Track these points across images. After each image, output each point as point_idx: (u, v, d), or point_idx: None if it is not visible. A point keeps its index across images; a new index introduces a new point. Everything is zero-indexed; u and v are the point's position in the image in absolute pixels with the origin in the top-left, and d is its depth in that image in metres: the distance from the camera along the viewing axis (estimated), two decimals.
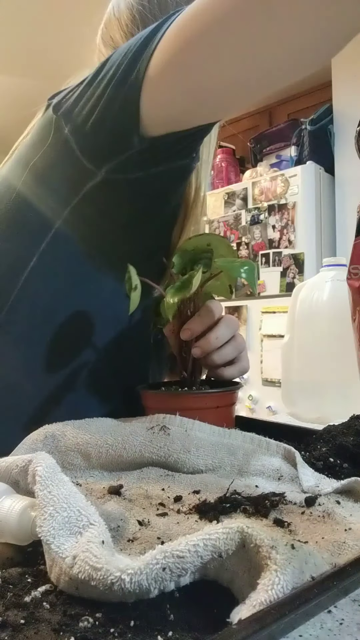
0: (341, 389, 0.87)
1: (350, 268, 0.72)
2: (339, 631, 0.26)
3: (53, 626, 0.26)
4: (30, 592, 0.29)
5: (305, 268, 2.27)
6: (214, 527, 0.29)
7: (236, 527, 0.29)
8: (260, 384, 2.34)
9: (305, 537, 0.34)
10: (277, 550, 0.27)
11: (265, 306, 2.37)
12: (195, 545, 0.28)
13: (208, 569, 0.29)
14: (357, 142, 0.78)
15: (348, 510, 0.40)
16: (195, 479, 0.47)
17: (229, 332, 0.58)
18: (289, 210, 2.33)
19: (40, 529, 0.31)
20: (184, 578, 0.28)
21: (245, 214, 2.51)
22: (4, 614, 0.27)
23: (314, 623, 0.26)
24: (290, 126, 2.66)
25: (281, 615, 0.24)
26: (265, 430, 0.55)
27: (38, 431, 0.52)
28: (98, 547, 0.28)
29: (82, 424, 0.53)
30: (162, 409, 0.54)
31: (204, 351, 0.57)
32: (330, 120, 2.48)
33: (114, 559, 0.28)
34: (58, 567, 0.29)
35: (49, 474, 0.35)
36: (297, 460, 0.48)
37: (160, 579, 0.26)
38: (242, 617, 0.24)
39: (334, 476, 0.47)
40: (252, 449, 0.51)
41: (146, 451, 0.49)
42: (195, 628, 0.26)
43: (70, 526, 0.31)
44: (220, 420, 0.54)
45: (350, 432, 0.53)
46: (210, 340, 0.56)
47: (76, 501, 0.33)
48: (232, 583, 0.29)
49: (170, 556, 0.27)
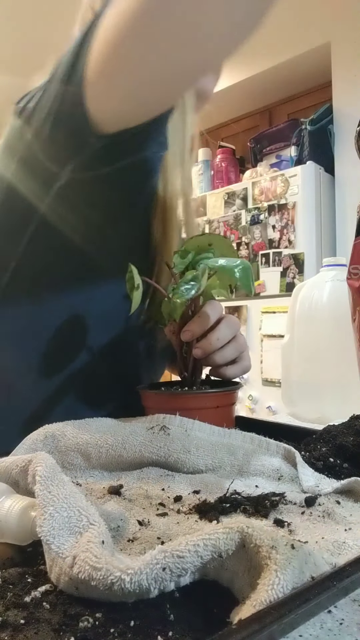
0: (341, 389, 0.87)
1: (350, 268, 0.72)
2: (339, 631, 0.26)
3: (53, 626, 0.26)
4: (30, 592, 0.29)
5: (305, 268, 2.26)
6: (214, 527, 0.29)
7: (236, 527, 0.29)
8: (260, 384, 2.34)
9: (305, 537, 0.34)
10: (277, 550, 0.27)
11: (265, 306, 2.37)
12: (195, 545, 0.28)
13: (208, 569, 0.29)
14: (357, 142, 0.78)
15: (348, 510, 0.40)
16: (195, 479, 0.47)
17: (230, 333, 0.59)
18: (289, 210, 2.33)
19: (40, 529, 0.31)
20: (184, 578, 0.28)
21: (245, 214, 2.51)
22: (4, 614, 0.27)
23: (314, 623, 0.26)
24: (290, 126, 2.66)
25: (281, 615, 0.24)
26: (265, 430, 0.55)
27: (38, 431, 0.52)
28: (98, 547, 0.28)
29: (82, 423, 0.53)
30: (162, 409, 0.54)
31: (205, 352, 0.57)
32: (330, 120, 2.48)
33: (114, 559, 0.28)
34: (58, 567, 0.29)
35: (49, 474, 0.35)
36: (297, 461, 0.48)
37: (160, 579, 0.26)
38: (242, 617, 0.24)
39: (334, 476, 0.47)
40: (252, 449, 0.51)
41: (146, 451, 0.49)
42: (195, 628, 0.26)
43: (70, 526, 0.31)
44: (220, 420, 0.54)
45: (350, 432, 0.53)
46: (211, 342, 0.56)
47: (76, 501, 0.33)
48: (232, 583, 0.29)
49: (170, 556, 0.27)
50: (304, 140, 2.49)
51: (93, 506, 0.33)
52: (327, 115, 2.47)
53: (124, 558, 0.28)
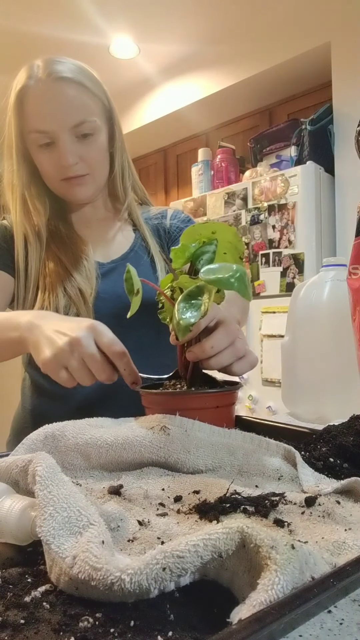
0: (341, 389, 0.87)
1: (350, 268, 0.72)
2: (339, 631, 0.26)
3: (53, 626, 0.26)
4: (30, 592, 0.29)
5: (305, 268, 2.26)
6: (214, 527, 0.29)
7: (236, 527, 0.29)
8: (260, 384, 2.34)
9: (305, 537, 0.34)
10: (277, 550, 0.27)
11: (265, 306, 2.37)
12: (195, 546, 0.28)
13: (208, 569, 0.29)
14: (357, 142, 0.78)
15: (348, 510, 0.40)
16: (195, 479, 0.47)
17: (227, 341, 0.57)
18: (289, 210, 2.33)
19: (40, 529, 0.31)
20: (184, 578, 0.28)
21: (245, 214, 2.51)
22: (4, 614, 0.27)
23: (314, 623, 0.26)
24: (290, 126, 2.65)
25: (281, 615, 0.24)
26: (265, 430, 0.55)
27: (38, 431, 0.52)
28: (98, 547, 0.28)
29: (82, 424, 0.53)
30: (162, 409, 0.54)
31: (197, 358, 0.56)
32: (330, 120, 2.48)
33: (114, 559, 0.28)
34: (58, 567, 0.29)
35: (49, 474, 0.35)
36: (297, 461, 0.48)
37: (160, 579, 0.26)
38: (242, 617, 0.24)
39: (334, 476, 0.47)
40: (252, 449, 0.51)
41: (146, 451, 0.49)
42: (195, 628, 0.26)
43: (70, 526, 0.31)
44: (220, 420, 0.54)
45: (350, 432, 0.53)
46: (204, 349, 0.55)
47: (76, 501, 0.33)
48: (232, 583, 0.29)
49: (170, 556, 0.27)
50: (304, 140, 2.48)
51: (93, 506, 0.33)
52: (327, 115, 2.47)
53: (124, 558, 0.28)
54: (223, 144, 2.96)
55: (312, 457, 0.50)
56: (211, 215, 2.69)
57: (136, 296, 0.57)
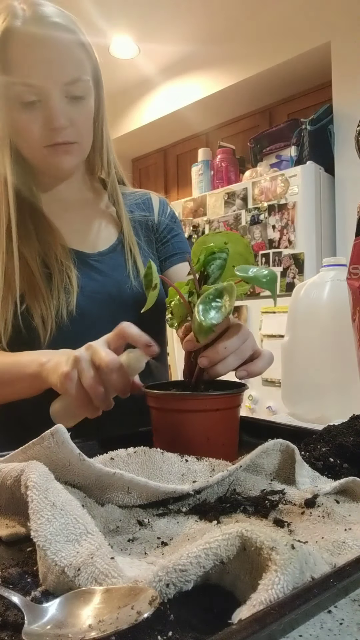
0: (341, 389, 0.87)
1: (350, 268, 0.72)
2: (339, 631, 0.26)
3: None
4: (30, 592, 0.29)
5: (305, 268, 2.26)
6: (214, 535, 0.29)
7: (235, 531, 0.29)
8: (260, 384, 2.34)
9: (305, 537, 0.34)
10: (276, 550, 0.27)
11: (265, 306, 2.37)
12: (197, 557, 0.27)
13: (210, 574, 0.28)
14: (357, 142, 0.78)
15: (347, 510, 0.40)
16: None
17: (238, 342, 0.55)
18: (289, 210, 2.33)
19: (36, 534, 0.30)
20: (187, 585, 0.28)
21: (245, 214, 2.51)
22: (4, 614, 0.27)
23: (314, 623, 0.26)
24: (290, 126, 2.65)
25: (281, 615, 0.24)
26: (265, 430, 0.55)
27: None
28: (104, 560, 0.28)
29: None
30: (166, 410, 0.54)
31: (211, 361, 0.54)
32: (330, 120, 2.48)
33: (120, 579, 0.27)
34: (54, 575, 0.29)
35: (43, 481, 0.35)
36: (297, 459, 0.48)
37: (164, 594, 0.26)
38: (242, 617, 0.24)
39: (334, 476, 0.47)
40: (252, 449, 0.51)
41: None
42: (195, 628, 0.26)
43: (67, 533, 0.31)
44: (225, 422, 0.54)
45: (350, 432, 0.53)
46: (218, 350, 0.54)
47: (72, 509, 0.32)
48: (234, 586, 0.29)
49: (172, 571, 0.27)
50: (304, 140, 2.48)
51: (89, 515, 0.33)
52: (327, 115, 2.47)
53: (128, 569, 0.28)
54: (223, 144, 2.96)
55: (312, 457, 0.50)
56: (211, 215, 2.69)
57: (153, 291, 0.57)
